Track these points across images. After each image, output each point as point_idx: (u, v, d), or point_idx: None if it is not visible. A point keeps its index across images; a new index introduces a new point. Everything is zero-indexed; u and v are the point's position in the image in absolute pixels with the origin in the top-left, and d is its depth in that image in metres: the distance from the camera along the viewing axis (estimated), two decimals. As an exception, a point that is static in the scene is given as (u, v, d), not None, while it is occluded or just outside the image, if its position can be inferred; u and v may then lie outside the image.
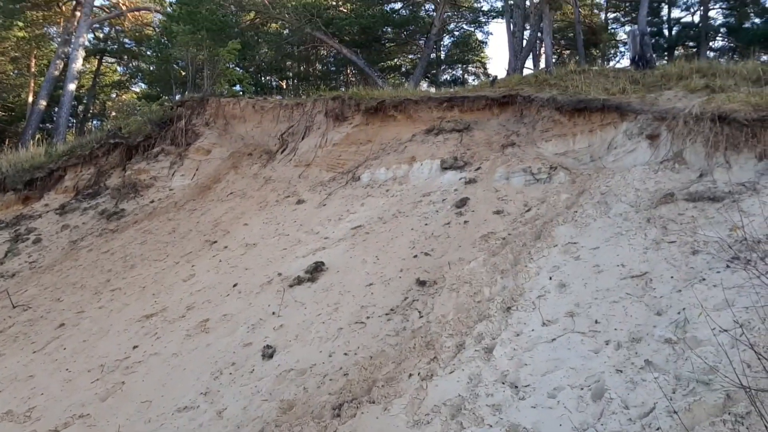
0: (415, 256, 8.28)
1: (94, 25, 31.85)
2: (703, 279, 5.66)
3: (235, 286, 8.94)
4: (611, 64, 26.27)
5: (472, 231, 8.56)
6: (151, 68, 33.13)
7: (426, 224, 9.18)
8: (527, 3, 19.03)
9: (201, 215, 13.17)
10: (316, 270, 8.53)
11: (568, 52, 26.86)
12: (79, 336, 8.81)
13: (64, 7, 31.21)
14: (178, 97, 24.28)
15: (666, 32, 25.05)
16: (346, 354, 6.49)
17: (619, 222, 7.39)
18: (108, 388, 7.15)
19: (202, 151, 16.89)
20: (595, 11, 26.52)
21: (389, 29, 23.09)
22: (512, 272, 7.08)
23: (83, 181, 17.94)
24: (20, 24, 32.21)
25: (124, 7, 31.57)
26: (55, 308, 10.09)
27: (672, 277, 5.90)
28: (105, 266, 11.60)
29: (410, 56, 27.15)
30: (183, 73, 26.90)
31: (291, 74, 29.04)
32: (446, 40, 28.61)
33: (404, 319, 6.91)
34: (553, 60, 18.67)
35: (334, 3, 23.06)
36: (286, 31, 25.08)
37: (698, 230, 6.56)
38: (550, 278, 6.67)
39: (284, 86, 28.79)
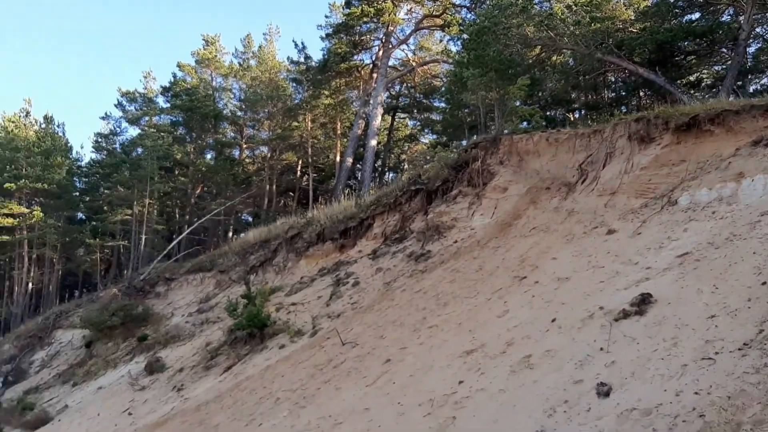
0: (764, 283, 7.17)
1: (388, 84, 34.55)
2: None
3: (553, 321, 8.60)
4: None
5: (836, 251, 7.20)
6: (441, 117, 34.92)
7: (771, 246, 7.96)
8: None
9: (505, 252, 13.13)
10: (644, 302, 7.82)
11: None
12: (405, 371, 9.15)
13: (362, 72, 34.51)
14: (464, 142, 25.09)
15: None
16: (696, 393, 5.74)
17: None
18: (440, 422, 7.23)
19: (499, 189, 16.99)
20: None
21: (688, 42, 21.25)
22: None
23: (390, 227, 19.16)
24: (326, 92, 36.37)
25: (414, 63, 33.88)
26: (380, 345, 10.68)
27: None
28: (419, 305, 12.07)
29: (713, 68, 24.68)
30: (470, 118, 27.80)
31: (578, 105, 28.30)
32: (752, 47, 25.54)
33: (763, 354, 5.94)
34: None
35: (621, 26, 21.94)
36: (571, 62, 24.61)
37: None
38: None
39: (572, 118, 28.13)
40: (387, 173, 42.33)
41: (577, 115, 27.98)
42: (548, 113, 27.30)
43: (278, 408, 9.59)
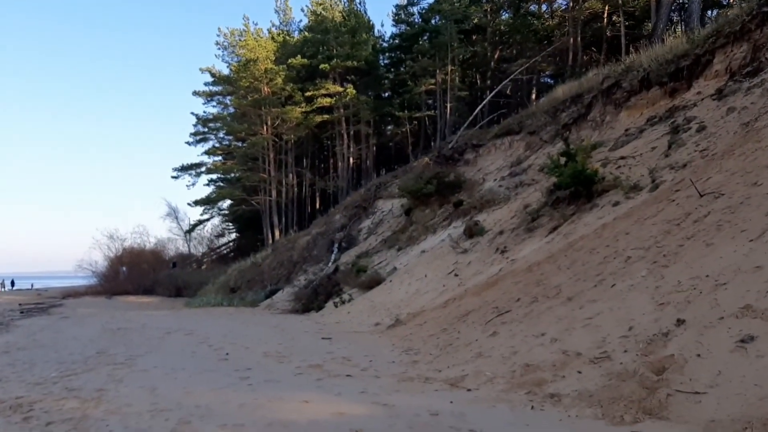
0: None
1: None
2: None
3: None
4: None
5: None
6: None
7: None
8: None
9: None
10: None
11: None
12: (804, 223, 7.06)
13: None
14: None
15: None
16: None
17: None
18: None
19: None
20: None
21: None
22: None
23: (736, 61, 15.90)
24: None
25: None
26: (755, 193, 8.52)
27: None
28: (804, 143, 9.48)
29: None
30: None
31: None
32: None
33: None
34: None
35: None
36: None
37: None
38: None
39: None
40: (711, 10, 36.17)
41: None
42: None
43: (631, 268, 8.19)
